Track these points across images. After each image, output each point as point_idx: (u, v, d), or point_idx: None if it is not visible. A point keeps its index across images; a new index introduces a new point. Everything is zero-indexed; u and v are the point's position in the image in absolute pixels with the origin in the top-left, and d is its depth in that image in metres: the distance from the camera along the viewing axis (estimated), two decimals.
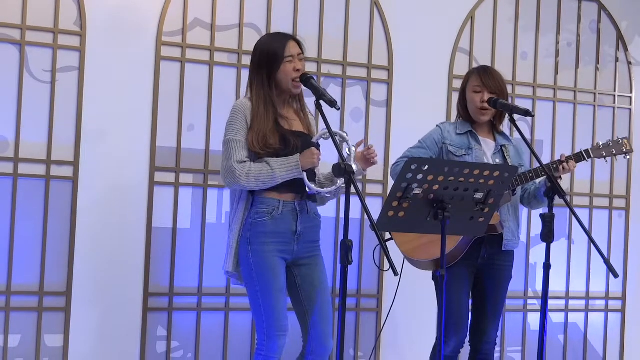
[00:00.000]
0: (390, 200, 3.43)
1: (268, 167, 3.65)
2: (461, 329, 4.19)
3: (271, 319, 3.67)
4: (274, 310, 3.67)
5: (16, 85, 4.57)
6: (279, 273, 3.71)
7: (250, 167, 3.66)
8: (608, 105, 5.99)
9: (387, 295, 5.24)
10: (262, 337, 3.70)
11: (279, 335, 3.69)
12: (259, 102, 3.75)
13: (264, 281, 3.68)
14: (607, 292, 5.95)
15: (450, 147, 4.25)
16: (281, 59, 3.75)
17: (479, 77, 4.26)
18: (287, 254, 3.75)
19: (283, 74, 3.77)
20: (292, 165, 3.66)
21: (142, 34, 4.80)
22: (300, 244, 3.77)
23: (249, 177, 3.64)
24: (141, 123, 4.79)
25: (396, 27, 5.38)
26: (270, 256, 3.70)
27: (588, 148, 4.30)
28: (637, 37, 6.08)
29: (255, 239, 3.70)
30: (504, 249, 4.24)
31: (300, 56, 3.81)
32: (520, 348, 5.69)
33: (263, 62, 3.78)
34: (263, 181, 3.66)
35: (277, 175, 3.65)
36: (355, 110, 5.28)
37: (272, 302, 3.67)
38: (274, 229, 3.71)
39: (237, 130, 3.72)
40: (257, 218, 3.72)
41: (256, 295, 3.70)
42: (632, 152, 4.39)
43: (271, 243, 3.70)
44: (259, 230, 3.70)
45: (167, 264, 4.83)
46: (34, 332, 4.59)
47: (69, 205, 4.64)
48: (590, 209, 5.90)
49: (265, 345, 3.69)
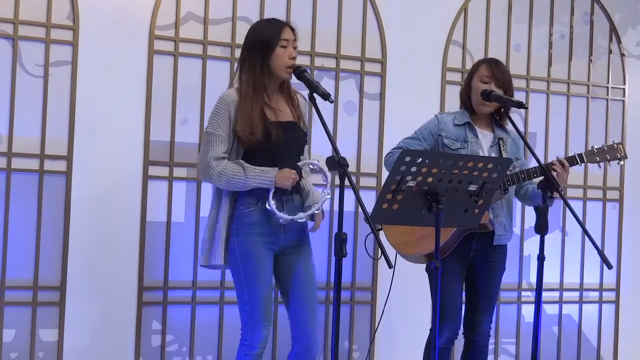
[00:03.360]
0: (385, 193, 3.42)
1: (242, 174, 3.64)
2: (454, 320, 4.20)
3: (255, 309, 3.67)
4: (258, 300, 3.67)
5: (9, 79, 4.56)
6: (265, 264, 3.71)
7: (225, 166, 3.65)
8: (601, 97, 5.99)
9: (381, 288, 5.24)
10: (246, 327, 3.71)
11: (263, 325, 3.68)
12: (249, 86, 3.71)
13: (249, 271, 3.68)
14: (601, 284, 5.97)
15: (445, 140, 4.24)
16: (276, 42, 3.73)
17: (490, 68, 4.24)
18: (275, 245, 3.75)
19: (277, 58, 3.73)
20: (267, 181, 3.65)
21: (135, 28, 4.79)
22: (286, 234, 3.76)
23: (221, 176, 3.64)
24: (134, 117, 4.78)
25: (389, 19, 5.37)
26: (256, 246, 3.69)
27: (582, 152, 4.28)
28: (630, 29, 6.09)
29: (241, 230, 3.70)
30: (495, 244, 4.24)
31: (295, 44, 3.80)
32: (514, 340, 5.70)
33: (257, 45, 3.75)
34: (234, 184, 3.66)
35: (249, 184, 3.65)
36: (348, 103, 5.28)
37: (256, 292, 3.67)
38: (260, 220, 3.70)
39: (218, 124, 3.70)
40: (243, 209, 3.71)
41: (241, 285, 3.70)
42: (626, 158, 4.35)
43: (257, 234, 3.70)
44: (245, 222, 3.70)
45: (162, 258, 4.82)
46: (28, 326, 4.59)
47: (62, 199, 4.64)
48: (584, 200, 5.91)
49: (249, 335, 3.69)
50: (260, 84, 3.73)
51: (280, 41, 3.74)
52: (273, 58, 3.74)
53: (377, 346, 5.30)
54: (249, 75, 3.74)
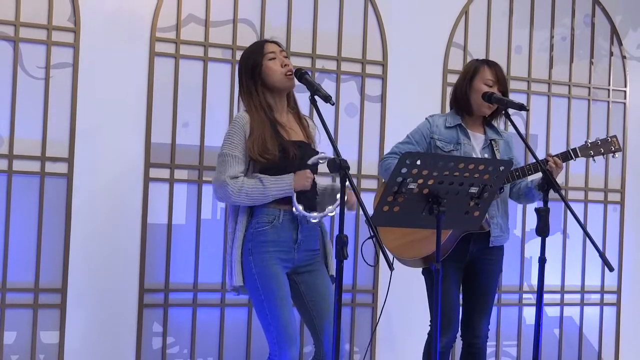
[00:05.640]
0: (386, 195, 3.42)
1: (261, 185, 3.61)
2: (451, 323, 4.19)
3: (280, 328, 3.62)
4: (281, 319, 3.62)
5: (10, 82, 4.56)
6: (283, 281, 3.67)
7: (243, 182, 3.62)
8: (602, 100, 5.99)
9: (382, 290, 5.24)
10: (274, 347, 3.64)
11: (290, 346, 3.62)
12: (256, 110, 3.72)
13: (268, 290, 3.63)
14: (602, 286, 5.96)
15: (438, 142, 4.24)
16: (260, 58, 3.74)
17: (494, 71, 4.23)
18: (288, 262, 3.71)
19: (268, 70, 3.74)
20: (285, 187, 3.63)
21: (136, 30, 4.79)
22: (300, 253, 3.73)
23: (240, 193, 3.61)
24: (136, 119, 4.78)
25: (390, 22, 5.38)
26: (272, 264, 3.65)
27: (576, 147, 4.28)
28: (632, 31, 6.09)
29: (257, 249, 3.66)
30: (492, 245, 4.23)
31: (283, 54, 3.81)
32: (515, 342, 5.70)
33: (247, 71, 3.77)
34: (254, 199, 3.63)
35: (269, 194, 3.62)
36: (349, 106, 5.28)
37: (278, 311, 3.62)
38: (275, 238, 3.67)
39: (234, 145, 3.67)
40: (258, 228, 3.67)
41: (262, 305, 3.65)
42: (621, 150, 4.33)
43: (272, 252, 3.66)
44: (260, 240, 3.66)
45: (163, 260, 4.82)
46: (29, 329, 4.59)
47: (63, 201, 4.64)
48: (585, 203, 5.91)
49: (277, 355, 3.64)
50: (265, 104, 3.74)
51: (264, 55, 3.75)
52: (265, 73, 3.75)
53: (377, 348, 5.30)
54: (249, 101, 3.75)
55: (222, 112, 4.96)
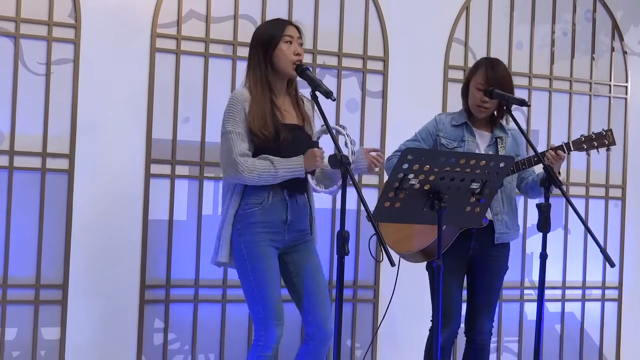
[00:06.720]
0: (387, 191, 3.43)
1: (272, 167, 3.63)
2: (452, 319, 4.20)
3: (267, 309, 3.66)
4: (269, 299, 3.66)
5: (11, 77, 4.56)
6: (272, 262, 3.70)
7: (255, 163, 3.63)
8: (604, 95, 5.99)
9: (383, 286, 5.25)
10: (259, 326, 3.68)
11: (277, 325, 3.67)
12: (257, 84, 3.73)
13: (257, 271, 3.67)
14: (603, 282, 5.96)
15: (443, 139, 4.27)
16: (279, 38, 3.74)
17: (485, 74, 4.21)
18: (278, 243, 3.74)
19: (280, 53, 3.74)
20: (296, 168, 3.64)
21: (137, 26, 4.79)
22: (290, 233, 3.76)
23: (252, 172, 3.62)
24: (137, 115, 4.78)
25: (391, 17, 5.37)
26: (262, 245, 3.68)
27: (570, 141, 4.27)
28: (633, 27, 6.08)
29: (246, 230, 3.69)
30: (497, 242, 4.23)
31: (299, 41, 3.80)
32: (517, 338, 5.70)
33: (260, 43, 3.77)
34: (265, 179, 3.64)
35: (280, 175, 3.64)
36: (350, 101, 5.28)
37: (267, 291, 3.66)
38: (264, 219, 3.70)
39: (236, 122, 3.68)
40: (247, 209, 3.70)
41: (251, 285, 3.69)
42: (615, 144, 4.30)
43: (262, 232, 3.69)
44: (250, 221, 3.69)
45: (164, 256, 4.82)
46: (30, 325, 4.59)
47: (64, 197, 4.64)
48: (587, 198, 5.91)
49: (263, 335, 3.67)
50: (266, 80, 3.75)
51: (283, 37, 3.75)
52: (277, 54, 3.74)
53: (378, 344, 5.30)
54: (255, 74, 3.76)
55: (223, 108, 4.93)
